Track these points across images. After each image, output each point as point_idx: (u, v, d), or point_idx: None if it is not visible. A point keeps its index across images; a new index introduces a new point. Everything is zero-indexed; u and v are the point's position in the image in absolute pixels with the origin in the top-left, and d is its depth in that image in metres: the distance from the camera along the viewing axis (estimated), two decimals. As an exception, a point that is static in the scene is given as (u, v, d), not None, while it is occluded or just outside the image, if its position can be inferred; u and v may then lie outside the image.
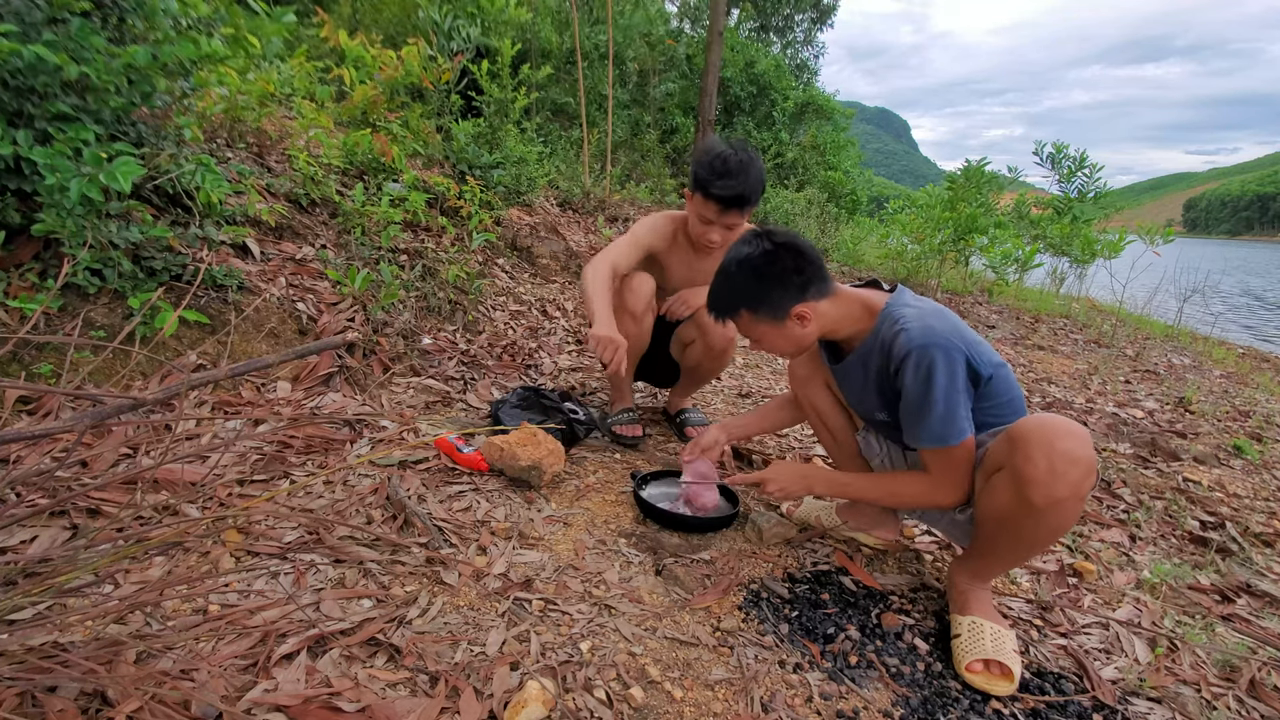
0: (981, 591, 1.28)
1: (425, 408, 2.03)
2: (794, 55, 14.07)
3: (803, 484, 1.41)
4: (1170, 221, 6.61)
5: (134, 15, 1.81)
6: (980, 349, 1.21)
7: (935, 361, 1.15)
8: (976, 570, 1.29)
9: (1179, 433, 2.75)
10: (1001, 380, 1.24)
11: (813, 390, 1.57)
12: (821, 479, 1.41)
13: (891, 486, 1.34)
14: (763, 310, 1.29)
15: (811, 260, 1.27)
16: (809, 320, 1.28)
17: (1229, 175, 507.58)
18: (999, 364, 1.24)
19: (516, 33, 5.47)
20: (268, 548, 1.27)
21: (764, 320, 1.30)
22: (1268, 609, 1.53)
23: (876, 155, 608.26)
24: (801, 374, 1.58)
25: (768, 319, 1.29)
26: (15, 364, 1.55)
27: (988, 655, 1.18)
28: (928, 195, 6.89)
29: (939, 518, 1.42)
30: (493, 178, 3.79)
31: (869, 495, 1.38)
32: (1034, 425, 1.09)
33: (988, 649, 1.18)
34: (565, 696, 1.02)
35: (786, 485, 1.40)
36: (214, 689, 0.92)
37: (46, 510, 1.16)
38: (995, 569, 1.30)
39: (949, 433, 1.18)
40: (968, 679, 1.17)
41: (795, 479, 1.41)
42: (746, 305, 1.30)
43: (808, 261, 1.26)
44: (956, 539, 1.42)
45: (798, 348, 1.36)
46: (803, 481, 1.41)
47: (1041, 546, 1.26)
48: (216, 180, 1.87)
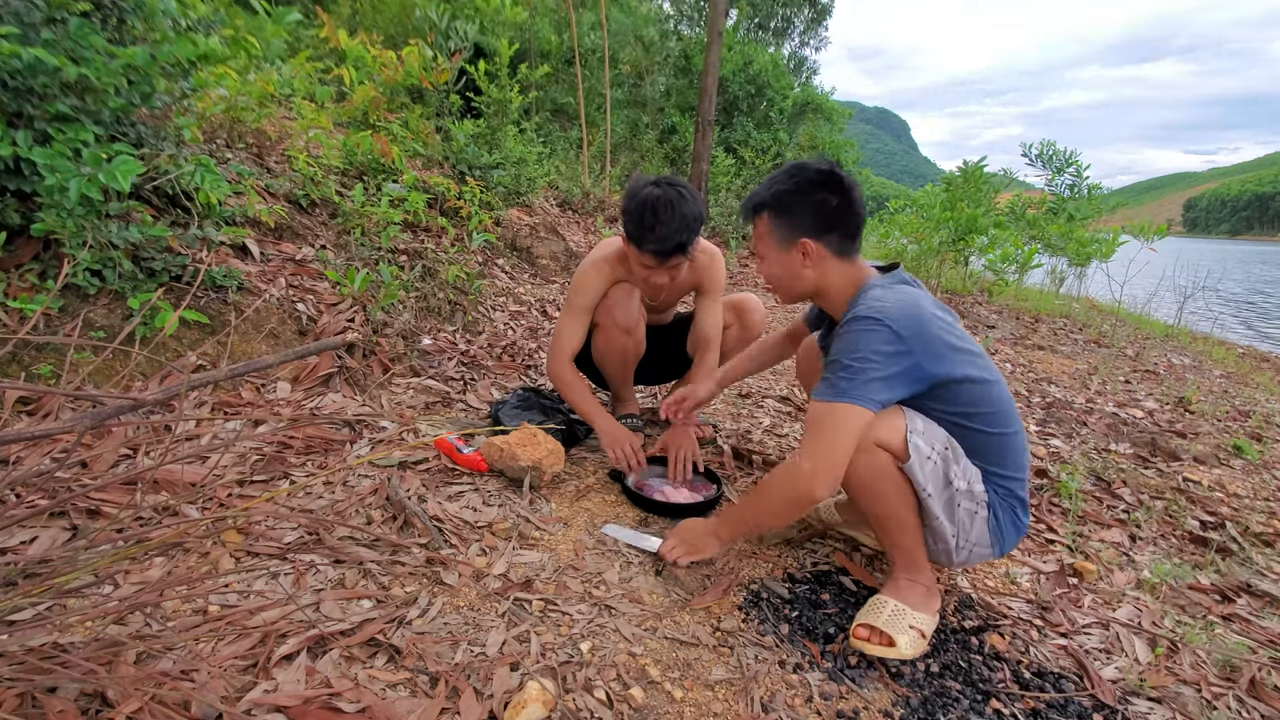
0: (897, 579, 1.29)
1: (425, 408, 2.03)
2: (792, 54, 14.09)
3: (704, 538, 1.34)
4: (1170, 221, 6.64)
5: (134, 15, 1.81)
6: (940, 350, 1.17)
7: (866, 328, 1.14)
8: (889, 560, 1.33)
9: (1179, 433, 2.75)
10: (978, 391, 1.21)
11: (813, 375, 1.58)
12: (723, 523, 1.34)
13: (768, 481, 1.24)
14: (781, 222, 1.28)
15: (849, 211, 1.26)
16: (809, 260, 1.27)
17: (1229, 175, 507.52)
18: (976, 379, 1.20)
19: (514, 32, 5.47)
20: (267, 548, 1.26)
21: (776, 233, 1.29)
22: (1268, 609, 1.53)
23: (876, 155, 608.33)
24: (806, 369, 1.60)
25: (780, 234, 1.28)
26: (15, 364, 1.55)
27: (872, 623, 1.21)
28: (928, 195, 6.90)
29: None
30: (492, 178, 3.79)
31: (745, 508, 1.30)
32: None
33: (878, 620, 1.21)
34: (565, 697, 1.02)
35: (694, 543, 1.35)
36: (214, 689, 0.92)
37: (46, 511, 1.16)
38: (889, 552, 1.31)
39: (841, 389, 1.13)
40: (852, 641, 1.21)
41: (695, 533, 1.35)
42: (773, 208, 1.29)
43: (847, 210, 1.25)
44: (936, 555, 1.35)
45: (788, 286, 1.33)
46: (704, 534, 1.34)
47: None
48: (216, 181, 1.87)
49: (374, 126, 3.32)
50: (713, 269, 1.95)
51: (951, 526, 1.22)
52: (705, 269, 1.95)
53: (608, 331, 1.91)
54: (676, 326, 2.21)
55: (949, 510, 1.22)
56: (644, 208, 1.66)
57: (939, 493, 1.20)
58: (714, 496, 1.68)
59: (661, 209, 1.65)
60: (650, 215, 1.65)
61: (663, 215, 1.65)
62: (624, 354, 1.95)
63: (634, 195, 1.69)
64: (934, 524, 1.22)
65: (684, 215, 1.66)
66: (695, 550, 1.35)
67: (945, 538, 1.24)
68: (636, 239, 1.69)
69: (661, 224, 1.65)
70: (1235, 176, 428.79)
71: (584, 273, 1.90)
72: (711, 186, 7.81)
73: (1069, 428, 2.71)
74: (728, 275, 5.61)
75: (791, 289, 1.33)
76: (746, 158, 8.99)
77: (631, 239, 1.71)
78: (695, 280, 1.97)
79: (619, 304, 1.89)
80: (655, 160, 8.80)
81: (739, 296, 2.08)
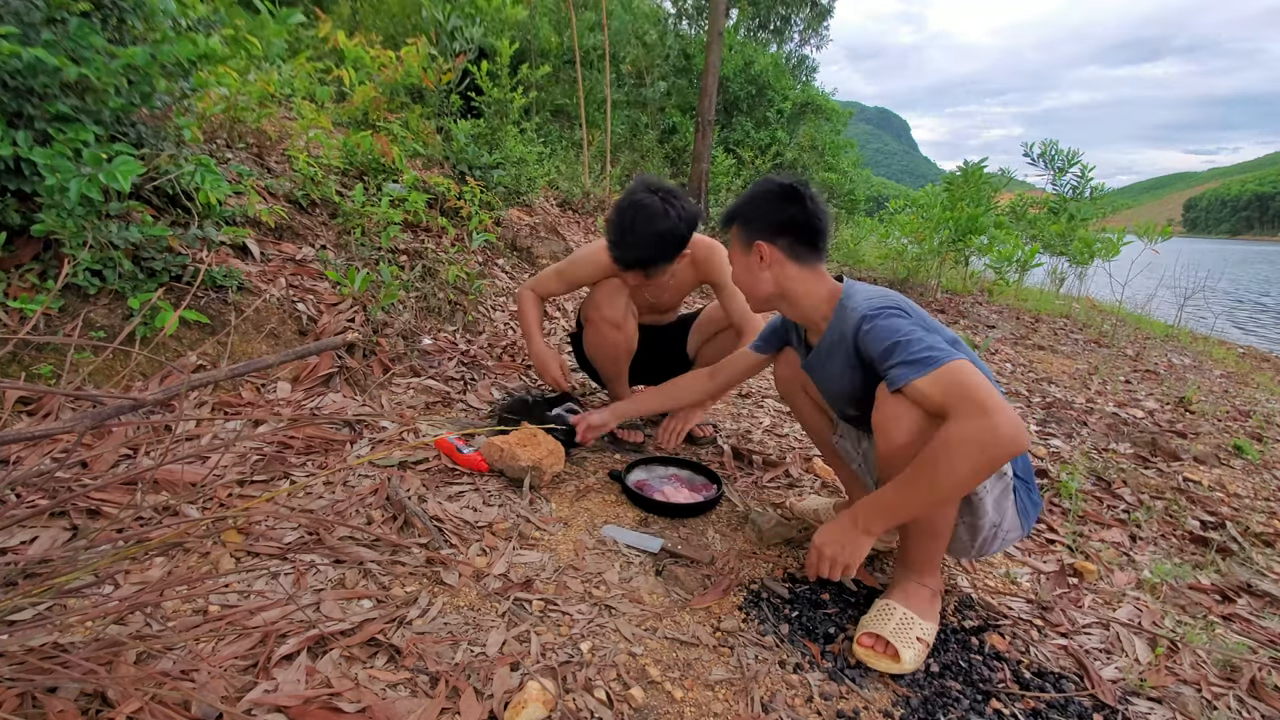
0: (906, 582, 1.28)
1: (425, 408, 2.03)
2: (792, 53, 14.09)
3: (855, 534, 1.17)
4: (1170, 221, 6.63)
5: (133, 15, 1.81)
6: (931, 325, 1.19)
7: (889, 313, 1.16)
8: (900, 559, 1.31)
9: (1179, 432, 2.75)
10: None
11: (793, 392, 1.58)
12: (873, 517, 1.15)
13: (931, 458, 1.03)
14: (743, 229, 1.34)
15: (805, 220, 1.29)
16: (765, 262, 1.31)
17: (1229, 175, 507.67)
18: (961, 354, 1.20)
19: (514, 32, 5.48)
20: (268, 548, 1.26)
21: (739, 240, 1.35)
22: (1268, 609, 1.53)
23: (876, 155, 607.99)
24: (784, 374, 1.58)
25: (742, 240, 1.34)
26: (15, 364, 1.55)
27: (879, 632, 1.19)
28: (928, 195, 6.90)
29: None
30: (492, 178, 3.79)
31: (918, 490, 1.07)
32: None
33: (885, 629, 1.19)
34: (565, 697, 1.02)
35: (837, 551, 1.19)
36: (214, 689, 0.92)
37: (46, 511, 1.16)
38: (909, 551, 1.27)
39: (935, 355, 1.06)
40: (855, 650, 1.20)
41: (844, 536, 1.18)
42: (740, 219, 1.35)
43: (802, 219, 1.29)
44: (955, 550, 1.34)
45: (750, 288, 1.36)
46: (853, 534, 1.17)
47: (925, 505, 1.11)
48: (216, 181, 1.87)
49: (374, 126, 3.32)
50: (713, 261, 1.94)
51: (998, 516, 1.22)
52: (705, 262, 1.94)
53: (596, 326, 1.92)
54: (678, 326, 2.21)
55: (1000, 501, 1.22)
56: (623, 214, 1.68)
57: (993, 484, 1.20)
58: (714, 496, 1.68)
59: (640, 220, 1.65)
60: (627, 223, 1.67)
61: (639, 227, 1.65)
62: (614, 349, 1.95)
63: (626, 195, 1.72)
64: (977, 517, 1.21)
65: (657, 232, 1.66)
66: (854, 557, 1.18)
67: (982, 529, 1.23)
68: (608, 240, 1.73)
69: (632, 233, 1.66)
70: (1235, 176, 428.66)
71: (586, 252, 1.92)
72: (711, 186, 7.81)
73: (1069, 428, 2.71)
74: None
75: (754, 291, 1.37)
76: (745, 158, 8.99)
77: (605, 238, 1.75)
78: (697, 277, 1.97)
79: (606, 299, 1.89)
80: (655, 160, 8.80)
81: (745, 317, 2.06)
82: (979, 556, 1.38)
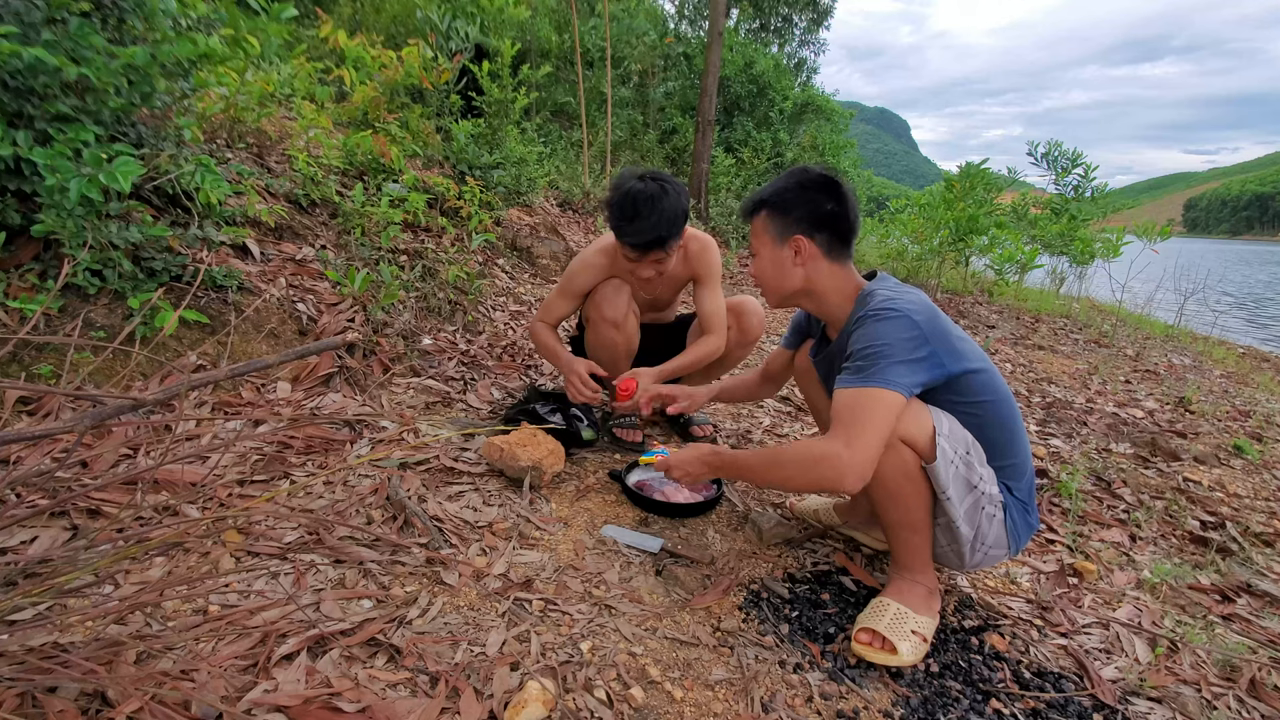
0: (900, 579, 1.28)
1: (425, 408, 2.03)
2: (793, 54, 14.08)
3: (703, 467, 1.41)
4: (1171, 221, 6.62)
5: (133, 15, 1.81)
6: (953, 343, 1.19)
7: (885, 318, 1.15)
8: (893, 559, 1.32)
9: (1179, 432, 2.75)
10: (979, 380, 1.22)
11: (807, 384, 1.60)
12: (721, 460, 1.38)
13: (777, 453, 1.20)
14: (776, 219, 1.30)
15: (843, 216, 1.27)
16: (800, 258, 1.29)
17: (1229, 175, 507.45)
18: (979, 369, 1.22)
19: (516, 32, 5.47)
20: (268, 548, 1.26)
21: (772, 229, 1.31)
22: (1268, 609, 1.53)
23: (877, 155, 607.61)
24: (801, 363, 1.60)
25: (775, 231, 1.31)
26: (15, 364, 1.55)
27: (874, 627, 1.20)
28: (929, 196, 6.89)
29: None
30: (493, 178, 3.79)
31: (755, 466, 1.26)
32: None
33: (880, 624, 1.20)
34: (565, 697, 1.02)
35: (689, 469, 1.42)
36: (214, 689, 0.92)
37: (46, 511, 1.16)
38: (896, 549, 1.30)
39: (872, 376, 1.11)
40: (852, 645, 1.21)
41: (695, 463, 1.41)
42: (771, 206, 1.31)
43: (841, 214, 1.27)
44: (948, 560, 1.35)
45: (778, 283, 1.34)
46: (702, 465, 1.40)
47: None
48: (216, 181, 1.87)
49: (374, 126, 3.32)
50: (705, 256, 1.95)
51: (970, 530, 1.22)
52: (698, 256, 1.94)
53: (597, 326, 1.93)
54: (678, 326, 2.22)
55: (972, 515, 1.21)
56: (625, 200, 1.69)
57: (960, 497, 1.19)
58: (714, 496, 1.68)
59: (642, 203, 1.67)
60: (630, 205, 1.68)
61: (643, 209, 1.67)
62: (614, 348, 1.96)
63: (618, 187, 1.74)
64: (953, 528, 1.22)
65: (664, 210, 1.68)
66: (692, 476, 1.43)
67: (960, 540, 1.23)
68: (617, 230, 1.73)
69: (641, 217, 1.67)
70: (1235, 176, 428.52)
71: (579, 260, 1.94)
72: (711, 186, 7.81)
73: (1069, 428, 2.71)
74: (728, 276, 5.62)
75: (781, 287, 1.34)
76: (745, 158, 9.00)
77: (614, 230, 1.75)
78: (689, 271, 1.98)
79: (607, 299, 1.90)
80: (656, 160, 8.80)
81: (738, 299, 2.07)
82: (970, 570, 1.40)
